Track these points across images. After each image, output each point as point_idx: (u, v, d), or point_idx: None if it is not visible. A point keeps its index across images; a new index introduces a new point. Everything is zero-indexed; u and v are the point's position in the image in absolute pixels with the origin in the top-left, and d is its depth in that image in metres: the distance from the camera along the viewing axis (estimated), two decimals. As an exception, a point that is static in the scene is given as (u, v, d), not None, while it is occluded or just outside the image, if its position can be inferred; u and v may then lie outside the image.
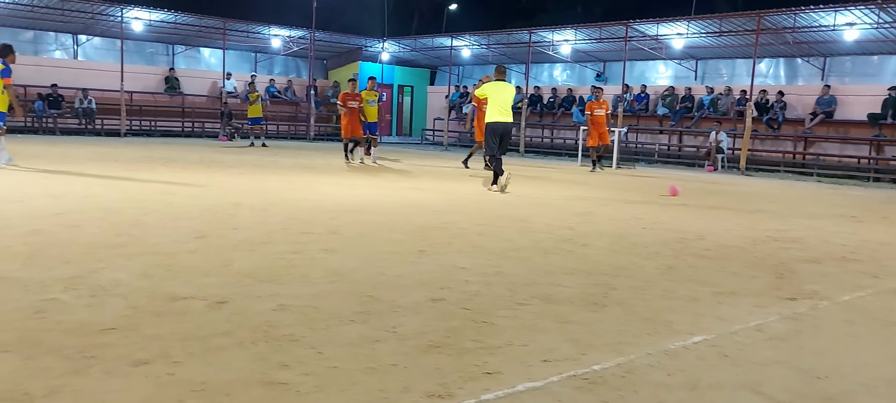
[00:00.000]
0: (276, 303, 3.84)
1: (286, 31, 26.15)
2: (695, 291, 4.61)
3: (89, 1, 21.64)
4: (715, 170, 18.33)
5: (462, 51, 26.91)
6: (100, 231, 5.72)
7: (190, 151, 16.39)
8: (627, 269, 5.20)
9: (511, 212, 8.08)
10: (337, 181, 10.91)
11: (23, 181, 8.93)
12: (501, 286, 4.48)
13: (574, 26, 23.11)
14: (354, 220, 6.93)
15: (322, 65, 29.96)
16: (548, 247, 5.93)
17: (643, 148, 22.14)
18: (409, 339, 3.35)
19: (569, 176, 14.38)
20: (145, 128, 23.66)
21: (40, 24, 23.04)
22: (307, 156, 16.56)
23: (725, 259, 5.83)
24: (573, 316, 3.86)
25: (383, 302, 3.97)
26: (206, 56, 27.51)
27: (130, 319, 3.45)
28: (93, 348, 3.02)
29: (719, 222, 8.13)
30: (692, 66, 23.52)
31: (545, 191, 10.79)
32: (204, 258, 4.89)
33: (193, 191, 8.71)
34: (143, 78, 24.24)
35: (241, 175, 11.11)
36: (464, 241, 6.04)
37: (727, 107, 20.29)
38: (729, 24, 19.59)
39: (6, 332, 3.18)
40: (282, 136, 26.05)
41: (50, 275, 4.20)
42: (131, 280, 4.19)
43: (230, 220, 6.58)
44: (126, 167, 11.58)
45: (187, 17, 23.56)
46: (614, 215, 8.30)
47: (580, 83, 25.87)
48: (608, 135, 15.98)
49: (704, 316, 4.01)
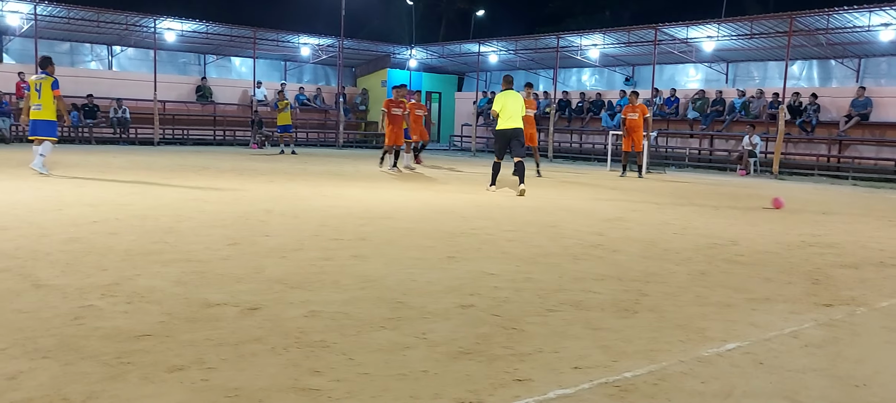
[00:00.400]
0: (308, 310, 3.88)
1: (315, 39, 26.40)
2: (728, 297, 4.55)
3: (124, 12, 22.08)
4: (747, 173, 18.07)
5: (489, 57, 26.91)
6: (135, 238, 5.83)
7: (222, 159, 16.61)
8: (659, 275, 5.15)
9: (540, 218, 8.05)
10: (366, 188, 10.97)
11: (60, 190, 9.12)
12: (531, 292, 4.47)
13: (602, 31, 22.98)
14: (384, 227, 6.97)
15: (351, 72, 30.18)
16: (577, 253, 5.90)
17: (673, 152, 21.91)
18: (440, 345, 3.36)
19: (598, 181, 14.29)
20: (178, 136, 24.02)
21: (76, 35, 23.56)
22: (337, 164, 16.68)
23: (759, 264, 5.74)
24: (604, 323, 3.84)
25: (413, 309, 3.98)
26: (236, 65, 27.88)
27: (166, 325, 3.51)
28: (129, 354, 3.08)
29: (752, 227, 8.01)
30: (723, 68, 23.24)
31: (574, 197, 10.73)
32: (237, 265, 4.96)
33: (226, 199, 8.82)
34: (176, 87, 24.64)
35: (272, 182, 11.22)
36: (493, 247, 6.03)
37: (759, 111, 20.00)
38: (760, 25, 19.32)
39: (46, 338, 3.25)
40: (311, 144, 26.28)
41: (88, 282, 4.29)
42: (166, 286, 4.26)
43: (262, 227, 6.65)
44: (160, 175, 11.77)
45: (218, 27, 23.91)
46: (645, 220, 8.23)
47: (609, 87, 25.70)
48: (639, 142, 15.74)
49: (738, 323, 3.96)
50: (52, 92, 11.23)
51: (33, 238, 5.68)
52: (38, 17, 20.48)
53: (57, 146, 11.82)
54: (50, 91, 11.23)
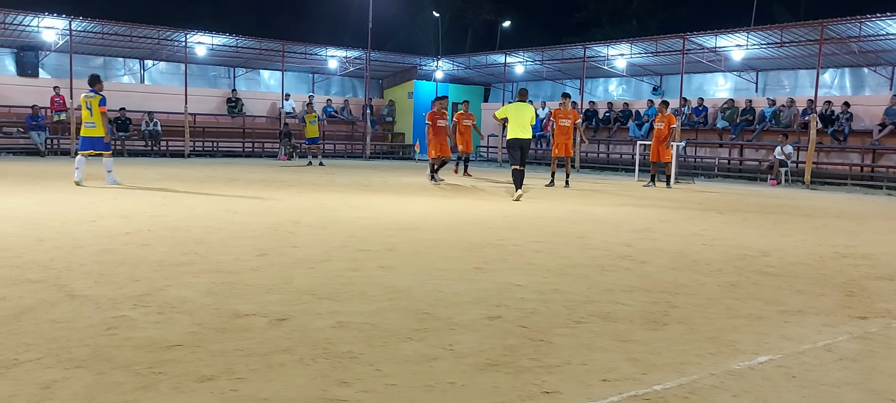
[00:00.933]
0: (336, 320, 3.90)
1: (343, 51, 26.64)
2: (759, 309, 4.48)
3: (156, 27, 22.50)
4: (778, 183, 17.82)
5: (516, 67, 26.92)
6: (167, 249, 5.91)
7: (251, 171, 16.80)
8: (688, 287, 5.09)
9: (567, 229, 8.01)
10: (393, 199, 11.02)
11: (94, 202, 9.29)
12: (558, 303, 4.45)
13: (630, 40, 22.89)
14: (411, 238, 6.99)
15: (377, 84, 30.37)
16: (605, 264, 5.86)
17: (702, 162, 21.69)
18: (467, 357, 3.35)
19: (626, 191, 14.18)
20: (208, 148, 24.36)
21: (110, 50, 24.04)
22: (364, 175, 16.77)
23: (791, 276, 5.65)
24: (633, 335, 3.80)
25: (440, 320, 3.98)
26: (265, 78, 28.22)
27: (196, 336, 3.55)
28: (161, 364, 3.12)
29: (784, 238, 7.89)
30: (752, 77, 22.97)
31: (602, 207, 10.67)
32: (265, 275, 5.01)
33: (255, 210, 8.92)
34: (206, 100, 25.02)
35: (301, 194, 11.32)
36: (519, 258, 6.02)
37: (790, 120, 19.72)
38: (790, 34, 19.08)
39: (80, 348, 3.31)
40: (338, 155, 26.47)
41: (120, 293, 4.36)
42: (197, 297, 4.32)
43: (290, 238, 6.71)
44: (190, 187, 11.94)
45: (248, 41, 24.25)
46: (673, 231, 8.15)
47: (636, 97, 25.55)
48: (664, 152, 15.55)
49: (770, 336, 3.90)
50: (99, 108, 11.71)
51: (68, 249, 5.79)
52: (73, 33, 20.94)
53: (90, 159, 12.05)
54: (98, 107, 11.70)
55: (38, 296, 4.22)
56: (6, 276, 4.72)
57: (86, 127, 11.83)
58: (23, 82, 21.97)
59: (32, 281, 4.62)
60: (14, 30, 21.04)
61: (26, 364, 3.08)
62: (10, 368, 3.02)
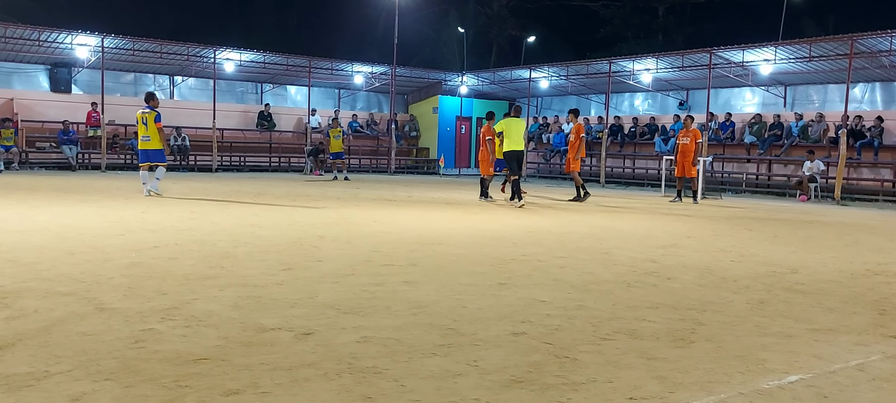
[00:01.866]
0: (360, 335, 3.91)
1: (368, 67, 26.86)
2: (789, 328, 4.41)
3: (186, 44, 22.87)
4: (808, 199, 17.55)
5: (540, 82, 26.92)
6: (194, 263, 5.98)
7: (277, 185, 16.95)
8: (716, 304, 5.03)
9: (592, 245, 7.96)
10: (418, 214, 11.04)
11: (123, 216, 9.43)
12: (583, 320, 4.41)
13: (655, 55, 22.77)
14: (435, 252, 6.99)
15: (402, 99, 30.54)
16: (631, 281, 5.81)
17: (730, 177, 21.45)
18: (491, 373, 3.34)
19: (651, 206, 14.07)
20: (235, 163, 24.63)
21: (140, 66, 24.49)
22: (389, 189, 16.84)
23: (822, 294, 5.55)
24: (659, 353, 3.76)
25: (464, 335, 3.97)
26: (292, 93, 28.52)
27: (222, 349, 3.58)
28: (187, 377, 3.15)
29: (814, 255, 7.77)
30: (780, 92, 22.72)
31: (627, 223, 10.58)
32: (291, 289, 5.04)
33: (280, 225, 8.99)
34: (234, 115, 25.32)
35: (326, 208, 11.39)
36: (544, 274, 5.99)
37: (819, 135, 19.45)
38: (819, 48, 18.85)
39: (108, 361, 3.35)
40: (364, 170, 26.61)
41: (148, 306, 4.41)
42: (223, 311, 4.35)
43: (315, 253, 6.75)
44: (218, 201, 12.07)
45: (275, 57, 24.56)
46: (700, 247, 8.06)
47: (662, 112, 25.40)
48: (690, 167, 15.36)
49: (800, 355, 3.83)
50: (155, 124, 12.48)
51: (97, 262, 5.88)
52: (105, 50, 21.35)
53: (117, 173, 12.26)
54: (154, 123, 12.48)
55: (69, 309, 4.29)
56: (38, 289, 4.80)
57: (142, 140, 12.58)
58: (56, 98, 22.44)
59: (63, 293, 4.69)
60: (48, 47, 21.53)
61: (57, 375, 3.12)
62: (40, 380, 3.07)
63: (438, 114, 28.68)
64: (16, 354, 3.41)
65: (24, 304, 4.37)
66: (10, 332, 3.76)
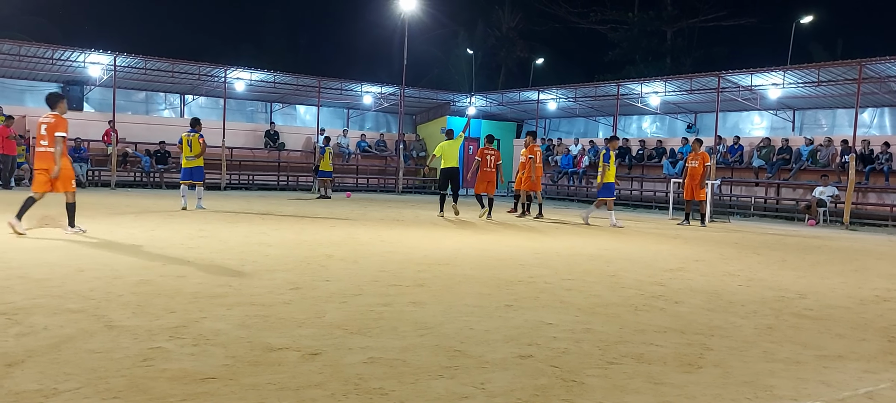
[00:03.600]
0: (367, 356, 3.91)
1: (377, 87, 27.02)
2: (797, 354, 4.39)
3: (197, 63, 23.09)
4: (816, 224, 17.49)
5: (548, 104, 27.01)
6: (202, 281, 6.00)
7: (285, 204, 17.01)
8: (723, 329, 5.01)
9: (599, 267, 7.95)
10: (425, 234, 11.05)
11: (132, 233, 9.49)
12: (591, 343, 4.41)
13: (664, 78, 22.84)
14: (442, 273, 7.00)
15: (411, 119, 30.67)
16: (638, 304, 5.79)
17: (738, 201, 21.40)
18: (498, 396, 3.33)
19: (659, 229, 14.04)
20: (244, 181, 24.74)
21: (152, 85, 24.70)
22: (396, 209, 16.87)
23: (830, 320, 5.53)
24: (667, 378, 3.75)
25: (471, 357, 3.97)
26: (301, 113, 28.69)
27: (230, 368, 3.59)
28: (195, 396, 3.16)
29: (822, 280, 7.73)
30: (789, 116, 22.72)
31: (634, 245, 10.57)
32: (298, 309, 5.05)
33: (288, 243, 9.01)
34: (243, 134, 25.48)
35: (333, 227, 11.42)
36: (551, 296, 5.98)
37: (828, 159, 19.41)
38: (828, 73, 18.87)
39: (117, 379, 3.37)
40: (371, 190, 26.68)
41: (157, 324, 4.44)
42: (231, 330, 4.37)
43: (323, 272, 6.77)
44: (225, 219, 12.12)
45: (285, 76, 24.75)
46: (708, 271, 8.04)
47: (670, 135, 25.42)
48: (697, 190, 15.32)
49: (809, 381, 3.82)
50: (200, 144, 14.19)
51: (107, 279, 5.92)
52: (117, 68, 21.57)
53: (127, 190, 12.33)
54: (199, 144, 14.15)
55: (78, 326, 4.31)
56: (48, 305, 4.83)
57: (187, 160, 14.23)
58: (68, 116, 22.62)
59: (72, 310, 4.72)
60: (61, 65, 21.77)
61: (65, 393, 3.14)
62: (49, 397, 3.09)
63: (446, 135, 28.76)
64: (25, 371, 3.43)
65: (35, 321, 4.40)
66: (21, 349, 3.79)
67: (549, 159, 26.59)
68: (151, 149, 22.64)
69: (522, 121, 31.30)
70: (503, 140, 29.68)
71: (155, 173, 22.52)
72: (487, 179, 15.14)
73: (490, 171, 15.10)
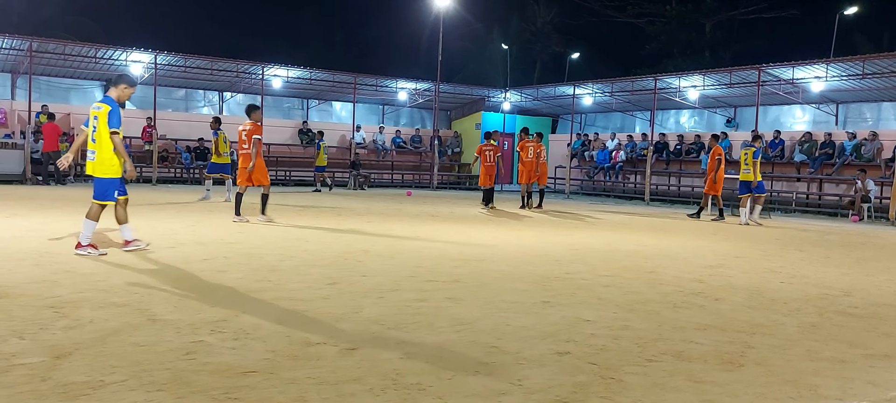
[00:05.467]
0: (404, 351, 3.93)
1: (412, 83, 27.07)
2: (843, 353, 4.29)
3: (235, 60, 23.39)
4: (861, 219, 17.06)
5: (584, 99, 26.77)
6: (242, 276, 6.09)
7: (322, 199, 17.16)
8: (765, 326, 4.92)
9: (637, 263, 7.87)
10: (460, 229, 11.05)
11: (174, 228, 9.66)
12: (629, 341, 4.37)
13: (702, 71, 22.46)
14: (478, 269, 6.99)
15: (446, 115, 30.68)
16: (677, 301, 5.72)
17: (779, 197, 20.97)
18: (536, 393, 3.32)
19: (697, 225, 13.83)
20: (281, 177, 25.01)
21: (191, 83, 25.11)
22: (431, 205, 16.90)
23: (876, 318, 5.40)
24: (707, 376, 3.70)
25: (508, 354, 3.97)
26: (337, 109, 28.90)
27: (270, 363, 3.64)
28: (236, 390, 3.21)
29: (868, 277, 7.55)
30: (832, 109, 22.19)
31: (673, 241, 10.43)
32: (336, 304, 5.10)
33: (325, 239, 9.10)
34: (280, 130, 25.74)
35: (370, 222, 11.49)
36: (588, 293, 5.94)
37: (873, 154, 18.91)
38: (872, 65, 18.37)
39: (161, 371, 3.44)
40: (407, 185, 26.76)
41: (198, 318, 4.51)
42: (270, 324, 4.43)
43: (359, 267, 6.82)
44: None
45: (321, 73, 24.93)
46: (749, 268, 7.90)
47: (709, 129, 25.00)
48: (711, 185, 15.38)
49: (855, 381, 3.73)
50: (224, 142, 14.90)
51: (150, 274, 6.04)
52: (158, 66, 21.96)
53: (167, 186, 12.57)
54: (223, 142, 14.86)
55: (123, 320, 4.41)
56: (94, 299, 4.95)
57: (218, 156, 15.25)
58: (111, 113, 23.13)
59: (117, 304, 4.83)
60: (104, 63, 22.24)
61: (112, 385, 3.22)
62: (97, 389, 3.16)
63: (481, 131, 28.72)
64: (73, 363, 3.52)
65: (81, 314, 4.51)
66: (68, 341, 3.89)
67: (585, 154, 26.39)
68: (191, 146, 23.02)
69: (558, 116, 31.09)
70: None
71: (195, 169, 22.89)
72: (490, 174, 16.23)
73: (490, 166, 16.18)
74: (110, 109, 7.05)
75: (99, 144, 7.05)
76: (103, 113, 7.03)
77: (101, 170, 7.06)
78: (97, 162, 7.07)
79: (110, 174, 7.07)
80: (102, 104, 7.12)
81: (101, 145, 7.04)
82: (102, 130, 7.01)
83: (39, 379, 3.26)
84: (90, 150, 7.12)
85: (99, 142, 7.05)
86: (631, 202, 22.21)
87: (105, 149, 7.03)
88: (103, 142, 7.02)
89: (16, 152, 19.31)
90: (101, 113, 7.04)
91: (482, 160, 16.22)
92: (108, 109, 7.04)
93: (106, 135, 7.01)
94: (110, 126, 6.99)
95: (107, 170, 7.06)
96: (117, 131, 7.04)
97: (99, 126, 7.03)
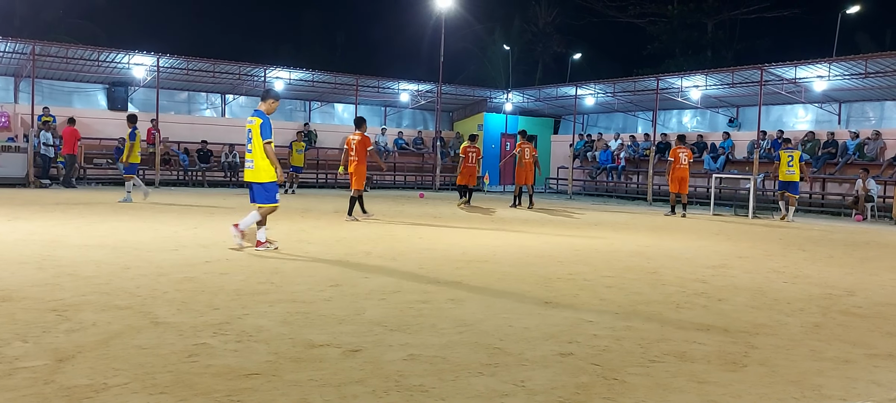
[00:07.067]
0: (407, 353, 3.93)
1: (414, 85, 27.08)
2: (846, 352, 4.28)
3: (237, 63, 23.43)
4: (864, 219, 17.03)
5: (586, 99, 26.75)
6: (244, 278, 6.10)
7: (323, 202, 17.16)
8: (769, 327, 4.91)
9: (640, 264, 7.86)
10: (462, 231, 11.05)
11: (177, 231, 9.67)
12: (632, 341, 4.36)
13: (704, 71, 22.42)
14: (480, 270, 6.99)
15: (448, 116, 30.68)
16: (680, 302, 5.71)
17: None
18: (539, 394, 3.32)
19: (699, 225, 13.82)
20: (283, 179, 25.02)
21: (193, 85, 25.13)
22: (433, 206, 16.90)
23: (880, 317, 5.38)
24: (710, 376, 3.69)
25: (511, 355, 3.96)
26: (339, 111, 28.91)
27: (272, 365, 3.64)
28: (239, 392, 3.21)
29: (871, 277, 7.53)
30: (835, 109, 22.15)
31: (675, 242, 10.42)
32: (338, 306, 5.10)
33: (327, 240, 9.10)
34: (282, 133, 25.71)
35: (371, 224, 11.49)
36: (591, 294, 5.94)
37: (876, 153, 18.87)
38: (875, 64, 18.32)
39: (163, 374, 3.44)
40: (409, 186, 26.76)
41: (201, 321, 4.52)
42: (273, 326, 4.43)
43: (362, 268, 6.82)
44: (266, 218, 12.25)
45: (323, 75, 24.95)
46: (751, 267, 7.88)
47: (711, 129, 24.99)
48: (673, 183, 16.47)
49: (859, 381, 3.72)
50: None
51: (152, 277, 6.05)
52: (161, 69, 21.99)
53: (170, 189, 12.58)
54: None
55: (125, 322, 4.42)
56: (96, 302, 4.96)
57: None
58: (113, 116, 23.14)
59: (120, 307, 4.84)
60: (106, 66, 22.27)
61: (115, 388, 3.22)
62: (100, 392, 3.17)
63: (483, 132, 28.72)
64: (76, 366, 3.52)
65: (84, 317, 4.52)
66: (71, 344, 3.89)
67: (588, 155, 26.38)
68: (191, 148, 23.04)
69: (560, 117, 31.07)
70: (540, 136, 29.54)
71: (197, 171, 22.92)
72: (469, 173, 17.19)
73: (472, 166, 17.13)
74: (262, 122, 7.76)
75: (255, 154, 7.78)
76: (256, 126, 7.74)
77: (261, 177, 7.82)
78: (256, 169, 7.84)
79: (270, 179, 7.84)
80: (255, 117, 7.82)
81: (257, 154, 7.75)
82: (257, 141, 7.72)
83: (42, 382, 3.26)
84: (248, 159, 7.89)
85: (255, 152, 7.77)
86: (633, 202, 22.19)
87: (261, 157, 7.76)
88: (258, 151, 7.74)
89: (19, 155, 19.34)
90: (255, 126, 7.75)
91: (465, 160, 17.11)
92: (260, 122, 7.75)
93: (260, 144, 7.70)
94: (263, 137, 7.72)
95: (265, 176, 7.83)
96: (270, 141, 7.78)
97: (253, 137, 7.75)
